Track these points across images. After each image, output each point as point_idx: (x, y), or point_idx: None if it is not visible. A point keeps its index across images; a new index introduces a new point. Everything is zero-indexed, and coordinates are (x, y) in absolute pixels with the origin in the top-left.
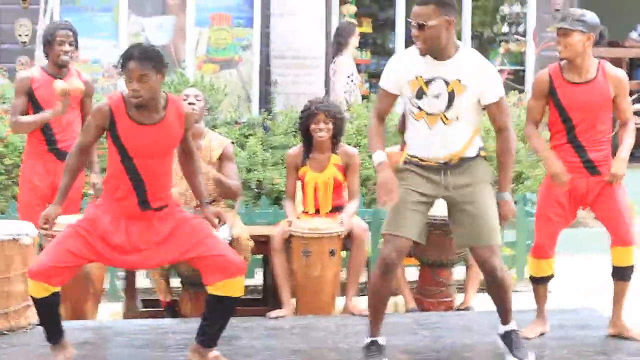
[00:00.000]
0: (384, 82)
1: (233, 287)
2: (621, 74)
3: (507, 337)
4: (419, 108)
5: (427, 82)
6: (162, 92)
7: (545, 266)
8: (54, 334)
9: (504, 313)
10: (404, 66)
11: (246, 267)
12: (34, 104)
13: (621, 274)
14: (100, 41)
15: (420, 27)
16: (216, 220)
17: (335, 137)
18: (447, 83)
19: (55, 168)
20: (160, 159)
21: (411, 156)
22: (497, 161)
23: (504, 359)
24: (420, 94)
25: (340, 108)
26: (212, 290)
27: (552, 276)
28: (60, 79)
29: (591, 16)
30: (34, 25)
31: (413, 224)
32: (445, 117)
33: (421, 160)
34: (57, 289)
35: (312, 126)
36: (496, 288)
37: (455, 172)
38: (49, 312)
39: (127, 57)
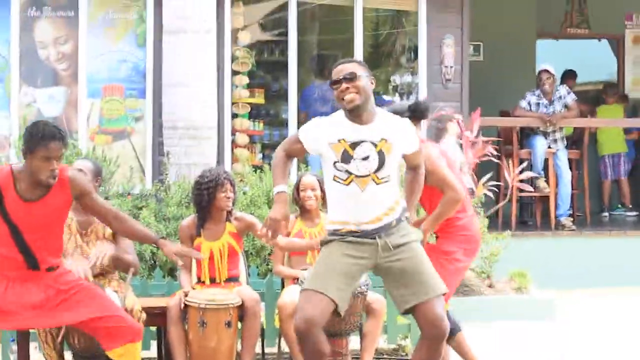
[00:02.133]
0: (303, 136)
1: (132, 354)
2: None
3: None
4: (347, 172)
5: (352, 145)
6: None
7: None
8: None
9: None
10: (326, 128)
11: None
12: None
13: None
14: None
15: (351, 77)
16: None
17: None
18: (374, 144)
19: None
20: (49, 231)
21: (338, 226)
22: (408, 189)
23: None
24: (347, 158)
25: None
26: (111, 355)
27: None
28: None
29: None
30: None
31: (336, 285)
32: (377, 177)
33: (351, 230)
34: None
35: (219, 195)
36: (433, 349)
37: (388, 234)
38: None
39: (48, 136)
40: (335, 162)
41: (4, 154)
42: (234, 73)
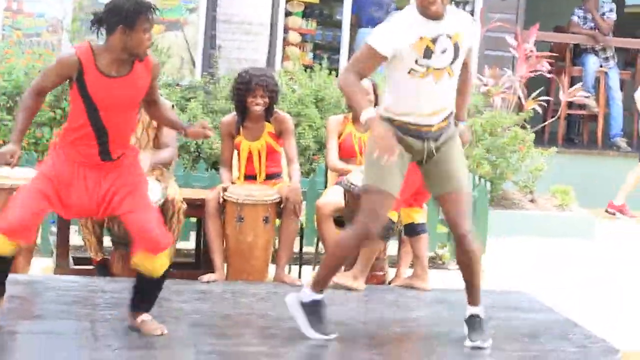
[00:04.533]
0: (378, 44)
1: (152, 265)
2: None
3: (470, 320)
4: (427, 66)
5: (433, 41)
6: None
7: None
8: None
9: (474, 291)
10: (404, 30)
11: (169, 243)
12: None
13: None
14: None
15: None
16: (204, 129)
17: (270, 108)
18: (450, 37)
19: None
20: (127, 111)
21: (395, 117)
22: (458, 92)
23: (434, 335)
24: (428, 53)
25: (276, 80)
26: (134, 261)
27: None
28: None
29: None
30: None
31: (395, 179)
32: (451, 70)
33: (410, 115)
34: (25, 244)
35: (249, 99)
36: (468, 259)
37: (437, 138)
38: (3, 269)
39: (146, 7)
40: (417, 59)
41: (56, 37)
42: None
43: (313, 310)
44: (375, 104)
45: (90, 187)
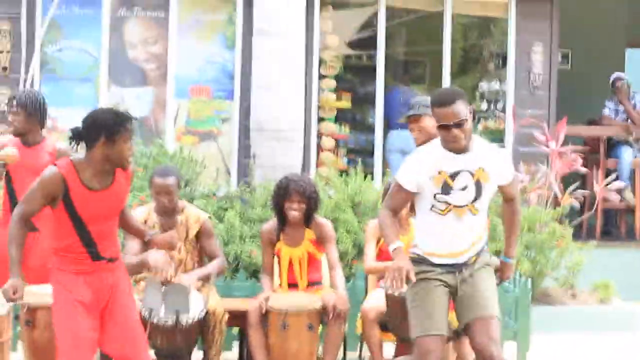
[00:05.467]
0: (403, 180)
1: None
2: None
3: None
4: (447, 203)
5: (452, 176)
6: None
7: None
8: None
9: None
10: (425, 164)
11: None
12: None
13: None
14: (79, 110)
15: (459, 124)
16: (170, 241)
17: (309, 214)
18: (471, 174)
19: None
20: (112, 220)
21: (423, 255)
22: (506, 227)
23: None
24: (446, 189)
25: (314, 187)
26: None
27: None
28: (31, 146)
29: None
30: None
31: (444, 317)
32: (474, 207)
33: (439, 256)
34: None
35: (286, 204)
36: None
37: (469, 266)
38: None
39: (126, 119)
40: (435, 194)
41: None
42: (321, 76)
43: None
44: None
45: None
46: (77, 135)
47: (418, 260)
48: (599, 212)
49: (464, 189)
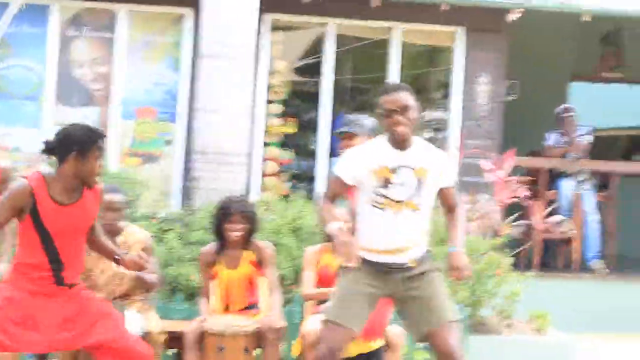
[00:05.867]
0: (342, 172)
1: None
2: None
3: None
4: (385, 196)
5: (392, 170)
6: None
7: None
8: None
9: None
10: (366, 157)
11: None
12: None
13: None
14: (22, 129)
15: (403, 110)
16: (140, 260)
17: (248, 235)
18: (412, 170)
19: None
20: (79, 237)
21: (364, 253)
22: (448, 224)
23: None
24: (386, 183)
25: (254, 208)
26: None
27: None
28: None
29: (369, 120)
30: None
31: (358, 315)
32: (412, 203)
33: (376, 252)
34: None
35: (227, 225)
36: None
37: (409, 269)
38: None
39: (99, 135)
40: (375, 187)
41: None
42: (268, 101)
43: None
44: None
45: (56, 316)
46: (49, 149)
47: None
48: (538, 243)
49: (403, 184)
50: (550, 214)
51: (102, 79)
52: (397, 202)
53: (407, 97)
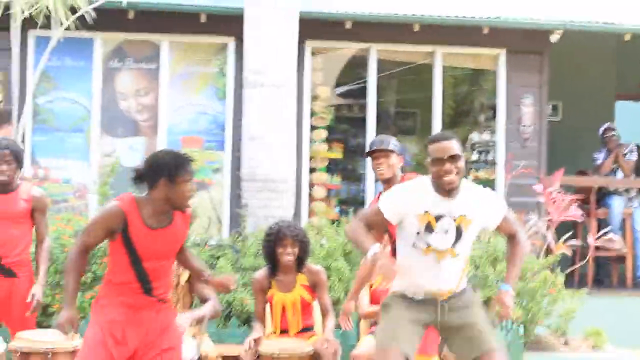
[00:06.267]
0: (386, 209)
1: None
2: None
3: None
4: (427, 244)
5: (436, 218)
6: None
7: None
8: None
9: None
10: (413, 199)
11: None
12: None
13: None
14: (71, 161)
15: (454, 158)
16: (227, 281)
17: (301, 259)
18: (454, 219)
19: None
20: (168, 259)
21: (405, 292)
22: (508, 258)
23: None
24: (429, 229)
25: (305, 232)
26: None
27: None
28: (7, 193)
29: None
30: None
31: (410, 339)
32: (453, 252)
33: (414, 294)
34: None
35: (279, 250)
36: None
37: (450, 304)
38: None
39: (187, 161)
40: (418, 232)
41: (83, 202)
42: (313, 127)
43: None
44: None
45: (135, 337)
46: (138, 176)
47: (397, 295)
48: (590, 261)
49: (446, 232)
50: (602, 232)
51: (147, 110)
52: (439, 250)
53: (455, 146)
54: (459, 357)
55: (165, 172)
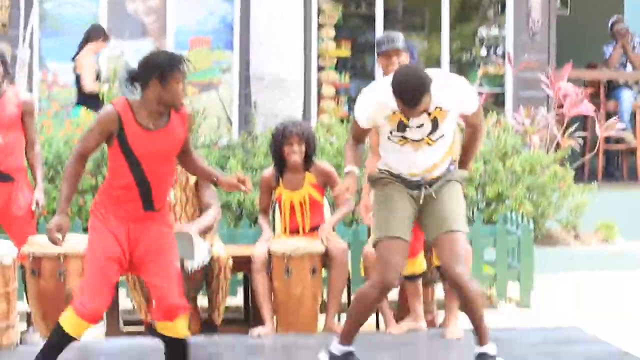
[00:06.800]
0: (358, 116)
1: (173, 329)
2: None
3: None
4: (403, 137)
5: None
6: None
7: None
8: None
9: (478, 331)
10: (381, 103)
11: (186, 305)
12: None
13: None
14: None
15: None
16: (237, 181)
17: (308, 157)
18: (429, 113)
19: None
20: (167, 162)
21: (386, 170)
22: (466, 144)
23: None
24: (402, 127)
25: (311, 129)
26: (156, 326)
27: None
28: None
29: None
30: (14, 50)
31: (404, 225)
32: (430, 139)
33: (399, 175)
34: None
35: (285, 148)
36: (465, 300)
37: (433, 184)
38: (64, 345)
39: (179, 60)
40: (391, 131)
41: None
42: (320, 26)
43: None
44: None
45: (131, 243)
46: (131, 77)
47: (383, 172)
48: (600, 154)
49: (419, 126)
50: (610, 120)
51: (154, 12)
52: (415, 140)
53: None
54: (425, 233)
55: (156, 71)
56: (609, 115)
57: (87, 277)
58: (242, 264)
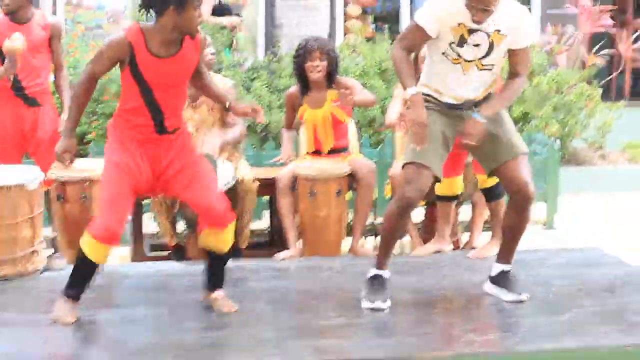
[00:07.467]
0: (425, 22)
1: (218, 240)
2: None
3: (503, 277)
4: (458, 55)
5: (470, 31)
6: None
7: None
8: (79, 292)
9: (510, 250)
10: (450, 12)
11: (232, 218)
12: None
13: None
14: None
15: None
16: (252, 111)
17: (330, 74)
18: (488, 35)
19: (22, 114)
20: (179, 87)
21: (432, 92)
22: (503, 93)
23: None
24: (462, 42)
25: (333, 45)
26: (201, 239)
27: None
28: (23, 23)
29: None
30: None
31: (437, 157)
32: (480, 64)
33: (443, 94)
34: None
35: (307, 64)
36: (522, 220)
37: (477, 105)
38: (89, 272)
39: None
40: (451, 43)
41: (118, 28)
42: None
43: (375, 283)
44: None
45: (151, 164)
46: (146, 3)
47: (427, 96)
48: (627, 72)
49: (476, 45)
50: (635, 36)
51: None
52: (467, 61)
53: None
54: (484, 164)
55: None
56: (636, 32)
57: (101, 197)
58: (268, 186)
